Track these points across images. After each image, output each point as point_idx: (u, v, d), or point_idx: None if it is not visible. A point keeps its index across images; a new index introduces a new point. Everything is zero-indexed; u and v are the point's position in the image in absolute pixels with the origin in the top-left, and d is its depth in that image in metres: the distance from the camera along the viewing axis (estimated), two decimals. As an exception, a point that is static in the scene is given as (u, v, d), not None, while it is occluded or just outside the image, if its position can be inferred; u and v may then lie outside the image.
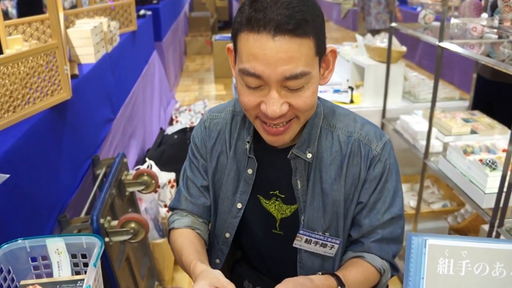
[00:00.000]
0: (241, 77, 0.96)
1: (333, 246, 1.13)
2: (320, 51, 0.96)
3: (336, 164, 1.10)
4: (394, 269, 1.17)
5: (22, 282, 1.02)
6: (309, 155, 1.09)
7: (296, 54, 0.90)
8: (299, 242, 1.14)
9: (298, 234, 1.12)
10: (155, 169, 2.66)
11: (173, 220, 1.24)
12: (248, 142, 1.13)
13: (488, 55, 1.81)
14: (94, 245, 1.00)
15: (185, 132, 3.68)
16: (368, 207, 1.12)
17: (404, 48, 2.71)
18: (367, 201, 1.12)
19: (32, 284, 1.00)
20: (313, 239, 1.12)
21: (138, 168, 2.31)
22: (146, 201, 2.44)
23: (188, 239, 1.17)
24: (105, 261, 1.56)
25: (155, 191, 2.53)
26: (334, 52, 1.02)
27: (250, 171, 1.15)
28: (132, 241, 1.64)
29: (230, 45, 1.02)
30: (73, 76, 1.89)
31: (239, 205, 1.18)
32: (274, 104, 0.94)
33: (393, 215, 1.12)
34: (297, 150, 1.09)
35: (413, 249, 0.83)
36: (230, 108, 1.21)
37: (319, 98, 1.14)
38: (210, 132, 1.20)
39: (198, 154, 1.23)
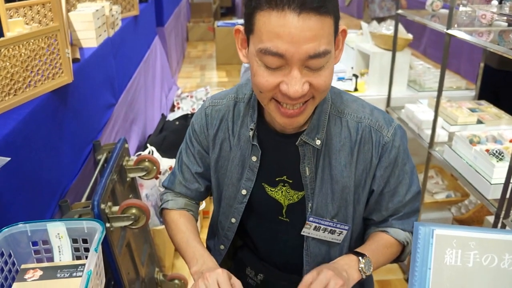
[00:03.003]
0: (260, 57, 0.92)
1: (342, 232, 1.13)
2: (336, 29, 0.95)
3: (346, 150, 1.09)
4: None
5: (23, 266, 1.01)
6: (318, 142, 1.08)
7: (320, 32, 0.88)
8: (308, 230, 1.13)
9: (307, 222, 1.12)
10: (156, 155, 2.64)
11: (167, 199, 1.28)
12: (252, 129, 1.12)
13: (497, 43, 1.78)
14: (95, 230, 0.99)
15: (186, 119, 3.66)
16: (390, 193, 1.13)
17: (410, 36, 2.68)
18: (387, 187, 1.12)
19: (33, 268, 0.99)
20: (322, 226, 1.12)
21: (139, 154, 2.29)
22: (147, 187, 2.43)
23: (188, 222, 1.22)
24: (106, 246, 1.55)
25: (156, 178, 2.52)
26: (344, 32, 1.00)
27: (254, 158, 1.14)
28: (133, 227, 1.63)
29: (240, 26, 0.99)
30: (75, 60, 1.86)
31: (243, 192, 1.17)
32: (297, 83, 0.91)
33: (413, 193, 1.15)
34: (306, 137, 1.07)
35: (420, 239, 0.81)
36: (232, 95, 1.19)
37: None
38: (212, 120, 1.19)
39: (196, 141, 1.22)
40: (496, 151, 1.80)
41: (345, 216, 1.13)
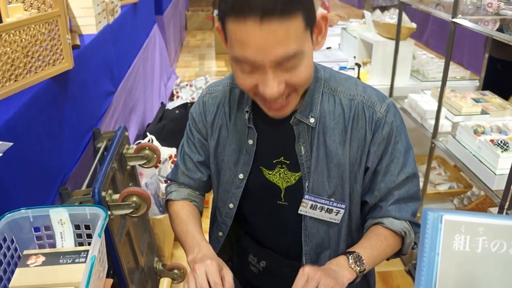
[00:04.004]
0: (234, 62, 0.94)
1: (339, 211, 1.13)
2: (310, 21, 0.93)
3: (340, 128, 1.09)
4: (417, 226, 1.16)
5: (25, 252, 1.00)
6: (312, 120, 1.08)
7: (286, 36, 0.87)
8: (304, 209, 1.13)
9: (303, 200, 1.12)
10: (155, 143, 2.62)
11: (171, 191, 1.27)
12: (247, 112, 1.12)
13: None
14: (98, 216, 0.98)
15: (186, 107, 3.64)
16: (382, 171, 1.11)
17: (414, 25, 2.65)
18: (380, 165, 1.11)
19: (35, 254, 0.98)
20: (319, 205, 1.12)
21: (139, 143, 2.27)
22: (146, 176, 2.41)
23: (190, 212, 1.22)
24: (106, 235, 1.54)
25: (156, 166, 2.50)
26: (325, 17, 0.98)
27: (251, 141, 1.14)
28: (134, 215, 1.62)
29: (219, 25, 0.98)
30: (75, 47, 1.84)
31: (241, 176, 1.17)
32: (271, 86, 0.92)
33: (408, 174, 1.11)
34: (300, 115, 1.07)
35: (428, 225, 0.79)
36: (228, 81, 1.20)
37: (318, 64, 1.13)
38: (210, 107, 1.20)
39: (195, 130, 1.22)
40: (501, 142, 1.78)
41: (342, 195, 1.12)
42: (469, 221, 0.78)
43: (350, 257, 1.04)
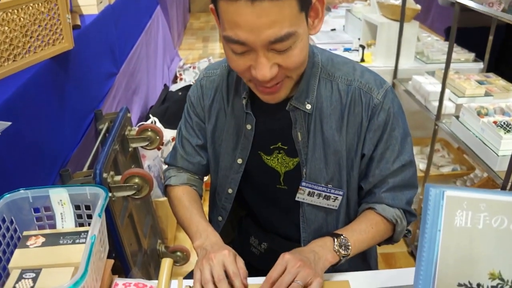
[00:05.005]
0: (227, 44, 0.92)
1: (337, 198, 1.12)
2: (305, 4, 0.91)
3: (337, 114, 1.07)
4: (412, 215, 1.15)
5: (25, 233, 1.00)
6: (309, 106, 1.06)
7: (279, 16, 0.85)
8: (302, 195, 1.13)
9: (300, 187, 1.11)
10: (159, 125, 2.61)
11: (170, 176, 1.27)
12: (245, 97, 1.11)
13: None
14: (98, 196, 0.98)
15: (189, 89, 3.62)
16: (377, 157, 1.10)
17: (418, 6, 2.62)
18: (375, 152, 1.09)
19: (35, 235, 0.98)
20: (316, 191, 1.11)
21: (142, 125, 2.26)
22: (149, 158, 2.41)
23: (191, 197, 1.22)
24: (108, 217, 1.53)
25: (159, 148, 2.50)
26: (321, 1, 0.96)
27: (249, 126, 1.13)
28: (136, 196, 1.61)
29: (212, 6, 0.97)
30: (75, 27, 1.82)
31: (239, 161, 1.17)
32: (263, 68, 0.91)
33: (403, 162, 1.10)
34: (296, 101, 1.06)
35: (430, 201, 0.80)
36: (226, 64, 1.18)
37: (316, 47, 1.11)
38: (207, 90, 1.19)
39: (193, 113, 1.22)
40: (504, 123, 1.77)
41: (339, 182, 1.11)
42: (471, 197, 0.79)
43: (336, 240, 1.03)
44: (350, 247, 1.03)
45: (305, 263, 0.95)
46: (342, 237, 1.04)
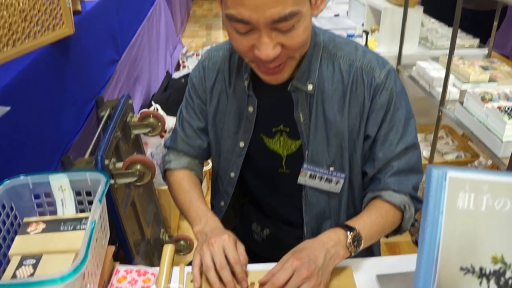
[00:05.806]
0: (230, 23, 0.91)
1: (338, 181, 1.10)
2: None
3: (338, 95, 1.06)
4: (419, 202, 1.13)
5: (25, 220, 0.99)
6: (310, 87, 1.05)
7: None
8: (304, 178, 1.11)
9: (302, 169, 1.10)
10: (161, 113, 2.60)
11: (170, 160, 1.26)
12: (247, 79, 1.09)
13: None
14: (99, 181, 0.96)
15: (192, 76, 3.60)
16: (380, 139, 1.07)
17: (422, -9, 2.59)
18: (378, 133, 1.07)
19: (35, 222, 0.97)
20: (318, 174, 1.10)
21: (144, 111, 2.25)
22: (151, 146, 2.40)
23: (192, 181, 1.21)
24: (110, 205, 1.52)
25: (161, 135, 2.49)
26: None
27: (251, 108, 1.12)
28: (138, 183, 1.61)
29: None
30: (76, 12, 1.80)
31: (241, 144, 1.15)
32: (267, 48, 0.89)
33: (407, 144, 1.08)
34: (297, 82, 1.05)
35: (432, 182, 0.77)
36: (228, 46, 1.16)
37: (318, 28, 1.09)
38: (209, 72, 1.17)
39: (195, 95, 1.20)
40: (508, 108, 1.75)
41: (341, 165, 1.10)
42: (474, 178, 0.76)
43: (350, 235, 0.99)
44: (362, 243, 1.00)
45: (312, 273, 0.91)
46: (355, 231, 0.99)
